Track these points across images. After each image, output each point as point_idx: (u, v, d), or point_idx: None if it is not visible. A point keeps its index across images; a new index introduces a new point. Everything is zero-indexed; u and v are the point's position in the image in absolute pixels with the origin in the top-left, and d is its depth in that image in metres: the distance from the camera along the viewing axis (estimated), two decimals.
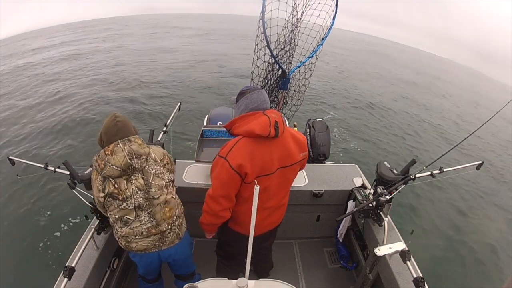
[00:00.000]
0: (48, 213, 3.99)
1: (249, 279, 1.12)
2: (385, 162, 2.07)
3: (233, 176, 1.33)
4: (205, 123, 3.81)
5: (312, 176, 2.36)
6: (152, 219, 1.46)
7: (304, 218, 2.46)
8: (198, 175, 2.32)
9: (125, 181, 1.38)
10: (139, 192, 1.40)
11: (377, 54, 24.98)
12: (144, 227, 1.45)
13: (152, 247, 1.51)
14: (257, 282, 1.14)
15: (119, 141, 1.37)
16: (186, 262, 1.77)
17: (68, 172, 1.85)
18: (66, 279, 1.40)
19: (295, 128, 3.18)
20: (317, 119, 3.18)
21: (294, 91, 2.50)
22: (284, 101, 2.44)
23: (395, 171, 1.96)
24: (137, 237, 1.47)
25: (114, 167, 1.34)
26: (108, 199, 1.39)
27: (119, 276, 2.07)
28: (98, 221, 1.78)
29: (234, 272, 1.20)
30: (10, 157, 2.12)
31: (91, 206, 1.74)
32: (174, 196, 1.54)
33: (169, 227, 1.51)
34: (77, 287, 1.55)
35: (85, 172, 1.86)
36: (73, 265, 1.46)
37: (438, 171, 1.99)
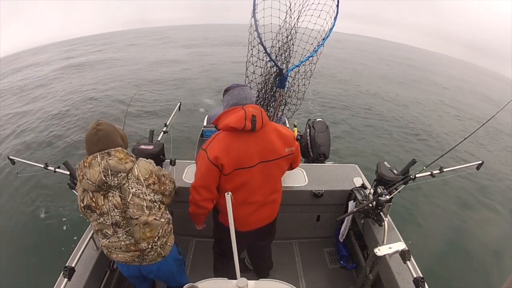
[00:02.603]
0: (48, 213, 4.00)
1: (249, 279, 1.12)
2: (385, 162, 2.07)
3: (210, 167, 1.39)
4: (205, 123, 3.81)
5: (312, 176, 2.36)
6: (130, 237, 1.36)
7: (304, 218, 2.46)
8: None
9: (102, 197, 1.28)
10: (115, 210, 1.29)
11: (366, 53, 25.03)
12: (123, 243, 1.37)
13: (131, 261, 1.44)
14: (257, 282, 1.14)
15: (98, 153, 1.25)
16: (173, 279, 1.65)
17: (68, 172, 1.85)
18: (66, 279, 1.40)
19: (295, 128, 3.18)
20: (317, 119, 3.19)
21: (294, 90, 2.48)
22: (283, 99, 2.42)
23: (395, 171, 1.96)
24: (116, 249, 1.40)
25: (89, 182, 1.24)
26: (87, 211, 1.32)
27: (119, 276, 2.06)
28: None
29: (231, 270, 1.20)
30: (11, 157, 2.12)
31: None
32: (157, 218, 1.39)
33: (150, 246, 1.41)
34: (77, 287, 1.55)
35: None
36: (73, 265, 1.46)
37: (438, 171, 1.99)
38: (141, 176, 1.32)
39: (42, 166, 2.01)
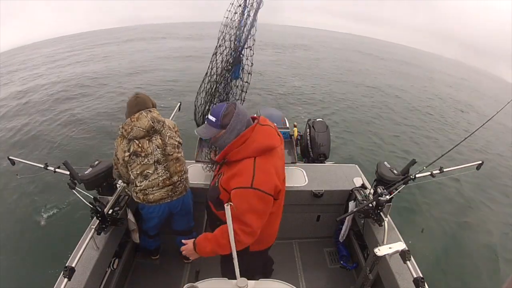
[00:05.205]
0: (48, 213, 3.99)
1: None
2: (385, 162, 2.07)
3: (268, 201, 1.23)
4: None
5: (312, 176, 2.36)
6: (166, 172, 1.83)
7: (304, 218, 2.46)
8: (198, 175, 2.32)
9: (147, 141, 1.75)
10: (158, 149, 1.78)
11: (362, 53, 24.91)
12: (161, 179, 1.81)
13: (166, 197, 1.87)
14: (257, 282, 1.14)
15: (142, 111, 1.74)
16: (188, 215, 2.11)
17: (68, 172, 1.85)
18: (66, 279, 1.39)
19: (295, 129, 3.18)
20: (317, 119, 3.19)
21: (249, 73, 2.19)
22: (241, 88, 2.17)
23: (395, 171, 1.96)
24: (154, 188, 1.82)
25: (140, 128, 1.70)
26: (132, 157, 1.74)
27: (119, 276, 2.07)
28: (98, 221, 1.77)
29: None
30: (10, 157, 2.12)
31: (91, 206, 1.74)
32: (182, 155, 1.95)
33: (179, 179, 1.90)
34: (77, 287, 1.55)
35: (85, 172, 1.86)
36: (73, 265, 1.46)
37: (438, 171, 1.99)
38: (170, 125, 1.89)
39: (42, 166, 2.01)
